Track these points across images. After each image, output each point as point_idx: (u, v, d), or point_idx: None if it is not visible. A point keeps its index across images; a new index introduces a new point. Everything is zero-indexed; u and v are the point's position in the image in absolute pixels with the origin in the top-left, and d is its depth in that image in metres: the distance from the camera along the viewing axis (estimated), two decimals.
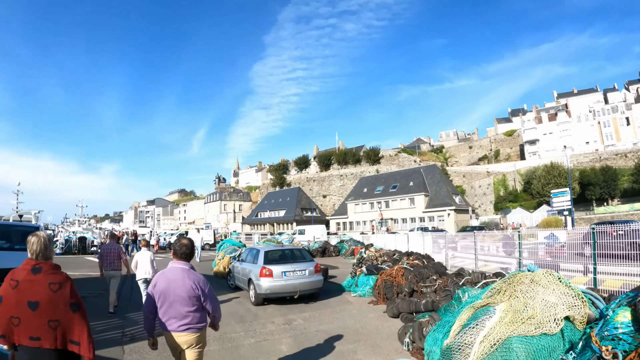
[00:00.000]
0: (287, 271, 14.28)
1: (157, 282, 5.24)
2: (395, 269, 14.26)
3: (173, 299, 5.11)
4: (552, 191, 58.41)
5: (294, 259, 15.34)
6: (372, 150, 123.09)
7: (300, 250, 16.80)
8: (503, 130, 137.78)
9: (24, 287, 3.88)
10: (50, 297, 3.89)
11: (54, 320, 3.88)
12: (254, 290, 14.30)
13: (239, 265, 17.05)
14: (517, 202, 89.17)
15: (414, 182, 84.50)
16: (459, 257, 21.54)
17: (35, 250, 4.09)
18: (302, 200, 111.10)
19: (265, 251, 15.21)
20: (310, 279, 14.58)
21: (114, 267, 12.85)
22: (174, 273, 5.23)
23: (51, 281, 3.96)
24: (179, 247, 5.37)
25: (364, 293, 15.61)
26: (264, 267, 14.13)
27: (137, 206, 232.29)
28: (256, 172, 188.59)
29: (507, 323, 5.88)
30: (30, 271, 3.97)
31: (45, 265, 4.06)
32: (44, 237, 4.22)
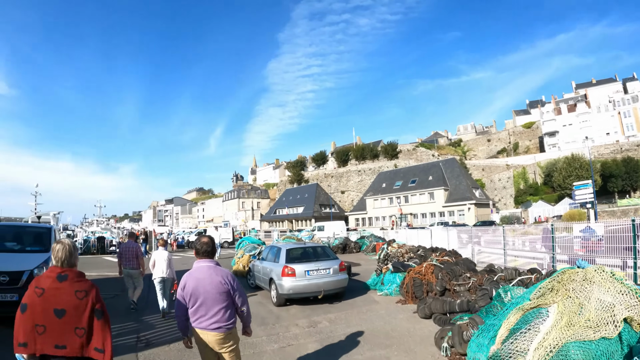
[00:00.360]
0: (310, 270, 13.63)
1: (185, 282, 5.25)
2: (425, 266, 13.54)
3: (203, 297, 5.14)
4: (575, 184, 57.31)
5: (317, 257, 14.65)
6: (390, 145, 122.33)
7: (324, 247, 16.01)
8: (521, 122, 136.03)
9: (50, 295, 3.91)
10: (77, 304, 3.96)
11: (81, 327, 3.95)
12: (275, 291, 13.73)
13: (259, 264, 16.47)
14: (537, 195, 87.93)
15: (433, 177, 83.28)
16: (485, 252, 20.90)
17: (60, 258, 4.14)
18: (321, 196, 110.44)
19: (287, 249, 14.60)
20: (335, 278, 13.92)
21: (132, 266, 13.07)
22: (201, 271, 5.25)
23: (77, 289, 4.03)
24: (200, 246, 5.38)
25: (390, 292, 14.91)
26: (286, 266, 13.53)
27: (156, 205, 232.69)
28: (273, 169, 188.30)
29: (563, 327, 5.25)
30: (56, 279, 4.02)
31: (70, 273, 4.11)
32: (69, 245, 4.26)
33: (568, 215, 56.48)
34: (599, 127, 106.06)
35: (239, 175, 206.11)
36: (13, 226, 15.63)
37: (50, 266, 4.21)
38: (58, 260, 4.14)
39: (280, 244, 16.69)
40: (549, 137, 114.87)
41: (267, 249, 17.04)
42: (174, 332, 10.12)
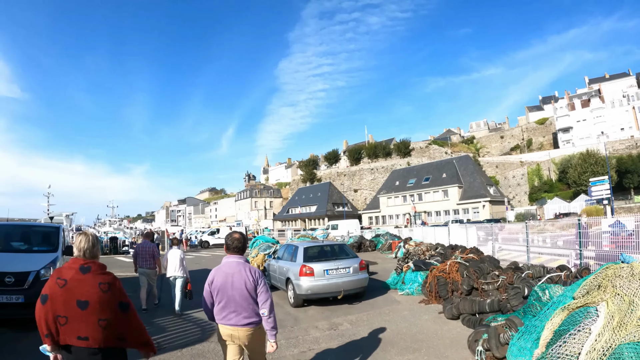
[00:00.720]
0: (329, 269, 13.14)
1: (213, 277, 5.25)
2: (449, 264, 12.89)
3: (232, 293, 5.13)
4: (591, 180, 56.85)
5: (336, 256, 14.14)
6: (403, 142, 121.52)
7: (342, 245, 15.44)
8: (534, 118, 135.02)
9: (72, 286, 3.89)
10: (100, 296, 3.91)
11: (104, 319, 3.91)
12: (292, 291, 13.25)
13: (275, 264, 15.94)
14: (552, 192, 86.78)
15: (447, 174, 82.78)
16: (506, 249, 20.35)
17: (83, 248, 4.13)
18: (334, 195, 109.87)
19: (304, 247, 14.05)
20: (355, 277, 13.41)
21: (148, 266, 13.20)
22: (230, 267, 5.25)
23: (101, 281, 3.99)
24: (232, 241, 5.38)
25: (412, 291, 14.38)
26: (304, 265, 13.05)
27: (169, 205, 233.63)
28: (286, 168, 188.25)
29: (615, 327, 4.75)
30: (79, 270, 3.99)
31: (93, 265, 4.09)
32: (92, 236, 4.26)
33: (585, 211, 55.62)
34: (613, 122, 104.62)
35: (251, 174, 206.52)
36: (20, 225, 15.21)
37: (72, 257, 4.18)
38: (80, 251, 4.14)
39: (297, 243, 15.95)
40: (562, 133, 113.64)
41: (283, 248, 16.61)
42: (186, 335, 10.06)
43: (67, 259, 11.83)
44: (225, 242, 5.47)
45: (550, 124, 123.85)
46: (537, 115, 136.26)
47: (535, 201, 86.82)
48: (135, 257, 13.45)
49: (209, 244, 53.09)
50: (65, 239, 13.21)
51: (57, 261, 11.00)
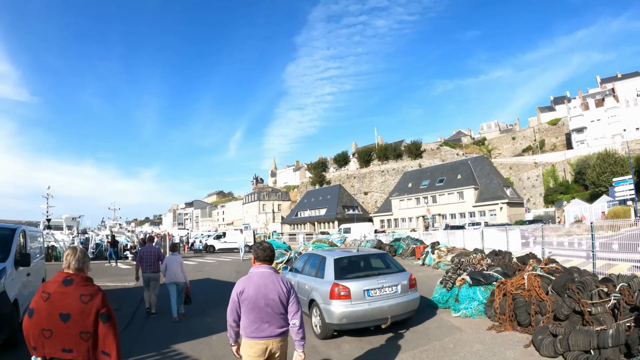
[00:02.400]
0: (371, 289, 9.88)
1: (244, 288, 5.01)
2: (528, 278, 9.87)
3: (264, 304, 4.92)
4: (614, 180, 54.83)
5: (377, 270, 11.01)
6: (414, 144, 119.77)
7: (384, 255, 11.87)
8: (546, 119, 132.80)
9: (55, 299, 3.88)
10: (82, 308, 3.87)
11: (86, 332, 3.88)
12: (319, 317, 10.11)
13: (292, 278, 12.29)
14: (568, 193, 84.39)
15: (462, 175, 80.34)
16: (559, 255, 17.88)
17: (69, 262, 4.11)
18: (344, 197, 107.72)
19: (335, 259, 10.66)
20: (405, 299, 10.18)
21: (153, 270, 12.97)
22: (262, 277, 5.07)
23: (82, 293, 3.95)
24: (263, 251, 5.22)
25: (471, 313, 11.28)
26: (336, 284, 9.83)
27: (176, 209, 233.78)
28: (294, 171, 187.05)
29: None
30: (62, 283, 3.97)
31: (76, 277, 4.05)
32: (80, 250, 4.24)
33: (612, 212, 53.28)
34: (628, 121, 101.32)
35: (259, 177, 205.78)
36: None
37: (58, 271, 4.13)
38: (66, 264, 4.11)
39: (321, 251, 12.38)
40: (576, 133, 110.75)
41: (302, 259, 12.99)
42: None
43: (25, 271, 10.34)
44: (254, 252, 5.30)
45: (563, 124, 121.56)
46: (548, 116, 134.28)
47: (553, 203, 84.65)
48: (139, 262, 13.14)
49: (215, 249, 50.16)
50: (27, 246, 11.08)
51: (3, 274, 8.83)
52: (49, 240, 35.20)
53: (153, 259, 13.00)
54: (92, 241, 38.55)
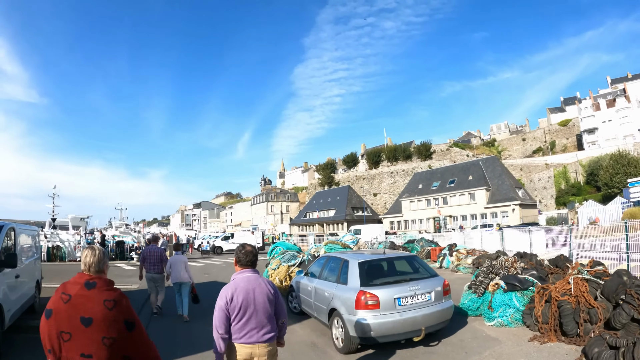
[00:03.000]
0: (402, 297, 8.74)
1: (232, 295, 4.85)
2: (574, 282, 9.02)
3: (254, 309, 4.86)
4: (629, 180, 53.92)
5: (406, 274, 9.93)
6: (424, 145, 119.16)
7: (413, 258, 10.65)
8: (556, 120, 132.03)
9: (76, 302, 3.69)
10: (105, 314, 3.68)
11: (109, 337, 3.67)
12: (342, 329, 8.91)
13: (308, 284, 11.50)
14: (580, 195, 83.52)
15: (473, 176, 79.45)
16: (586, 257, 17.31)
17: (89, 263, 3.93)
18: (353, 199, 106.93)
19: (359, 263, 9.44)
20: (439, 307, 9.09)
21: (157, 271, 12.89)
22: (249, 282, 4.97)
23: (106, 298, 3.76)
24: (245, 255, 5.08)
25: (506, 321, 10.36)
26: (363, 291, 8.64)
27: (184, 209, 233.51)
28: (302, 172, 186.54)
29: None
30: (84, 286, 3.79)
31: (99, 281, 3.87)
32: (99, 250, 4.05)
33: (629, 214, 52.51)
34: None
35: (267, 179, 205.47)
36: None
37: (78, 272, 3.94)
38: (86, 266, 3.92)
39: (344, 254, 11.01)
40: (588, 134, 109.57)
41: (319, 262, 11.84)
42: None
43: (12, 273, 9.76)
44: (236, 256, 5.16)
45: (574, 125, 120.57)
46: (559, 117, 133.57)
47: (563, 205, 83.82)
48: (142, 262, 13.06)
49: (223, 250, 49.42)
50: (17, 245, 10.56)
51: None
52: (54, 240, 34.96)
53: (155, 260, 12.92)
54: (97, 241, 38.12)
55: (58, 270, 26.30)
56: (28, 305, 11.65)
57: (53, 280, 20.09)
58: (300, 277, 12.59)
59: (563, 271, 13.32)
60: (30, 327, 10.49)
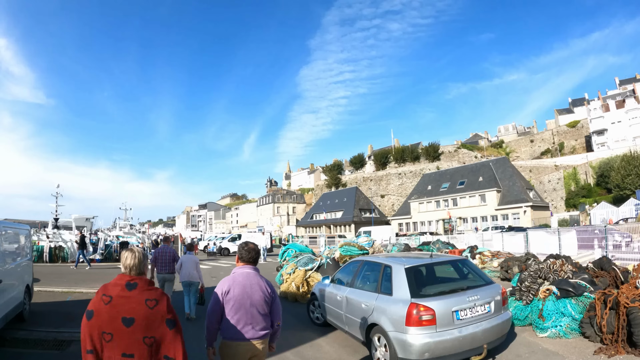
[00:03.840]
0: (460, 309, 7.37)
1: (229, 289, 4.90)
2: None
3: (249, 305, 4.88)
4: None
5: (460, 281, 8.55)
6: (432, 146, 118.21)
7: (464, 262, 9.21)
8: (564, 121, 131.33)
9: (118, 303, 3.70)
10: (147, 313, 3.70)
11: (150, 337, 3.69)
12: (386, 349, 7.53)
13: (335, 292, 9.96)
14: (590, 197, 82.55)
15: (483, 177, 78.57)
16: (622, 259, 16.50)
17: (130, 265, 3.93)
18: (360, 200, 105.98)
19: (406, 268, 7.91)
20: (499, 320, 7.80)
21: (168, 271, 12.74)
22: (246, 277, 5.00)
23: (147, 297, 3.77)
24: (247, 252, 5.16)
25: (562, 332, 9.13)
26: (416, 304, 7.18)
27: (190, 210, 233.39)
28: (308, 174, 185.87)
29: None
30: (125, 287, 3.80)
31: (140, 282, 3.88)
32: (139, 252, 4.05)
33: None
34: None
35: (272, 180, 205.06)
36: None
37: (119, 274, 3.93)
38: (127, 268, 3.91)
39: (383, 258, 9.27)
40: (597, 135, 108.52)
41: (350, 268, 10.36)
42: None
43: None
44: (239, 252, 5.20)
45: (582, 126, 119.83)
46: (567, 118, 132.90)
47: (573, 207, 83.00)
48: (154, 262, 12.85)
49: (229, 252, 47.77)
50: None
51: None
52: (56, 240, 34.22)
53: (168, 260, 12.74)
54: (102, 242, 37.26)
55: (59, 272, 25.57)
56: (15, 313, 10.65)
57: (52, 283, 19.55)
58: (324, 284, 11.11)
59: (609, 274, 12.46)
60: (18, 340, 9.65)
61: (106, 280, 11.70)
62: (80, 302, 14.77)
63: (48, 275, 23.27)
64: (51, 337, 10.04)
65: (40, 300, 14.70)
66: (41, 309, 13.29)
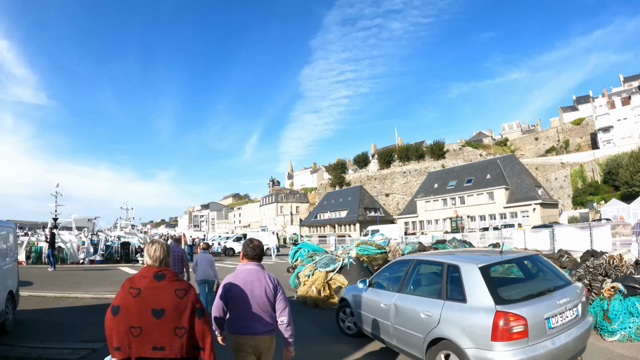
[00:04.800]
0: (552, 315, 6.07)
1: (230, 285, 4.92)
2: None
3: (252, 300, 4.85)
4: None
5: (542, 282, 7.07)
6: (436, 144, 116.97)
7: (536, 258, 7.65)
8: (569, 119, 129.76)
9: (147, 295, 3.69)
10: (177, 303, 3.70)
11: (181, 327, 3.69)
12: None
13: (377, 299, 8.45)
14: (598, 194, 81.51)
15: (491, 175, 77.31)
16: None
17: (159, 257, 3.98)
18: (365, 199, 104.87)
19: (482, 267, 6.55)
20: (587, 325, 6.62)
21: (177, 270, 12.37)
22: (250, 274, 5.00)
23: (176, 287, 3.78)
24: (252, 249, 5.17)
25: (633, 334, 8.17)
26: (503, 312, 5.77)
27: (192, 211, 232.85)
28: (311, 173, 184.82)
29: None
30: (154, 278, 3.80)
31: (167, 272, 3.89)
32: (165, 245, 4.12)
33: None
34: None
35: (275, 180, 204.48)
36: None
37: (144, 267, 3.93)
38: (156, 260, 3.94)
39: (444, 256, 7.74)
40: (603, 132, 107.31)
41: (396, 268, 8.84)
42: None
43: None
44: (244, 250, 5.19)
45: (587, 124, 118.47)
46: (571, 115, 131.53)
47: (581, 205, 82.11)
48: None
49: (234, 252, 46.22)
50: None
51: None
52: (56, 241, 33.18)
53: (175, 260, 12.47)
54: (102, 242, 36.33)
55: (57, 274, 24.38)
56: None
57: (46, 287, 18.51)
58: (358, 288, 9.53)
59: None
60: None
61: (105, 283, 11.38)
62: (74, 309, 14.29)
63: (44, 277, 22.33)
64: (35, 354, 8.63)
65: (30, 307, 13.71)
66: (29, 318, 12.24)
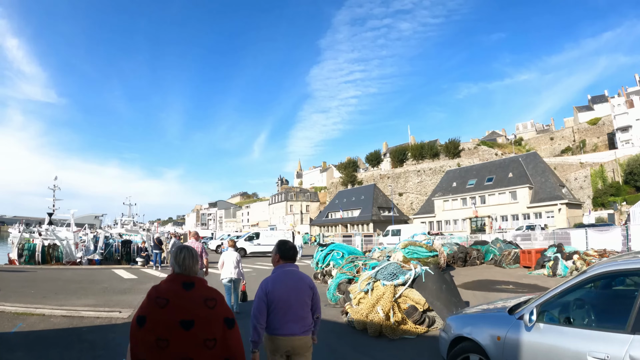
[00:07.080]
0: None
1: (273, 286, 4.84)
2: None
3: (293, 302, 4.82)
4: None
5: None
6: (452, 142, 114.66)
7: None
8: (584, 119, 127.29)
9: (175, 305, 3.46)
10: (207, 314, 3.51)
11: (211, 339, 3.49)
12: None
13: (578, 350, 4.43)
14: (619, 195, 79.15)
15: (513, 173, 74.40)
16: None
17: (189, 266, 3.71)
18: (379, 198, 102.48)
19: None
20: None
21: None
22: (289, 275, 4.97)
23: (207, 297, 3.60)
24: (289, 250, 5.18)
25: None
26: None
27: (199, 209, 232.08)
28: (320, 172, 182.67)
29: None
30: (182, 287, 3.58)
31: (197, 281, 3.68)
32: (194, 252, 3.85)
33: None
34: None
35: (284, 179, 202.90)
36: None
37: (171, 274, 3.70)
38: (185, 269, 3.68)
39: None
40: (621, 132, 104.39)
41: (601, 289, 5.65)
42: None
43: None
44: (280, 251, 5.12)
45: (604, 124, 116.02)
46: (586, 115, 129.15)
47: (601, 206, 79.90)
48: None
49: (246, 252, 41.78)
50: None
51: None
52: (51, 237, 30.47)
53: None
54: (101, 240, 33.99)
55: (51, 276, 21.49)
56: None
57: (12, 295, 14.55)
58: (505, 319, 5.86)
59: None
60: None
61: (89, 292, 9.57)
62: (30, 337, 10.05)
63: (19, 282, 18.90)
64: None
65: None
66: None
